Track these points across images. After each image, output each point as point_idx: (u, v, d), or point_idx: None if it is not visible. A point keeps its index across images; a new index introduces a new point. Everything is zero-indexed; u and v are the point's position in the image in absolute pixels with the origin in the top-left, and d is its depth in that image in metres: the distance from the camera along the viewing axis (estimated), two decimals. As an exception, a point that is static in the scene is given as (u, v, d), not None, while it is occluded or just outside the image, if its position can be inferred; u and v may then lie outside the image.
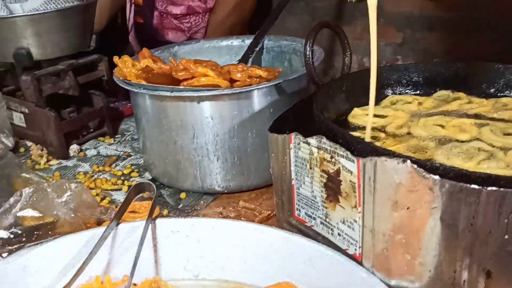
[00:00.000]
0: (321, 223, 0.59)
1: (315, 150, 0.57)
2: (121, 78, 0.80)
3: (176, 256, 0.63)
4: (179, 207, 0.80)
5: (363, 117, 0.68)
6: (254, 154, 0.79)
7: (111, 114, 1.07)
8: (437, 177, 0.44)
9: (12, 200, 0.60)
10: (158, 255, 0.63)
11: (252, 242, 0.61)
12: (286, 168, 0.62)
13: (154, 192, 0.64)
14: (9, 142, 0.94)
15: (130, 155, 0.97)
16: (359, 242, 0.53)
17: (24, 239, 0.58)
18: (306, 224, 0.62)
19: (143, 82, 0.78)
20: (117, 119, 1.12)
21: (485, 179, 0.44)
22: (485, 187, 0.43)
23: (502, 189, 0.43)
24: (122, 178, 0.89)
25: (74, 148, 0.99)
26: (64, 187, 0.63)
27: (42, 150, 0.99)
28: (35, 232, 0.59)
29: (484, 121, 0.65)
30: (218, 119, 0.76)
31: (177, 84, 0.76)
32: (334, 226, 0.57)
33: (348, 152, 0.51)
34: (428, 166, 0.46)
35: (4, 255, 0.56)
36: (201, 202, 0.80)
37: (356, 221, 0.53)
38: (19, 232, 0.58)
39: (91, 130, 1.05)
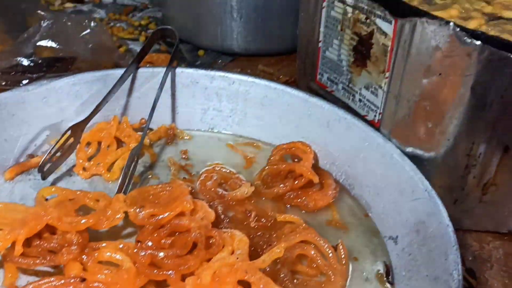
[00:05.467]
0: (343, 88, 0.59)
1: (349, 9, 0.54)
2: None
3: (193, 107, 0.63)
4: (196, 63, 0.79)
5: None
6: (280, 16, 0.76)
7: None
8: (478, 42, 0.42)
9: (31, 30, 0.59)
10: (175, 104, 0.63)
11: (271, 101, 0.61)
12: (315, 29, 0.60)
13: (176, 39, 0.62)
14: (23, -21, 0.90)
15: (148, 7, 0.94)
16: (380, 108, 0.53)
17: (44, 68, 0.57)
18: (326, 89, 0.62)
19: None
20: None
21: (527, 52, 0.42)
22: (527, 59, 0.41)
23: (544, 63, 0.41)
24: (139, 28, 0.86)
25: (90, -7, 0.95)
26: (84, 23, 0.61)
27: (56, -9, 0.95)
28: (55, 64, 0.58)
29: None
30: (245, -30, 0.71)
31: None
32: (356, 92, 0.56)
33: (387, 12, 0.49)
34: (470, 32, 0.44)
35: (24, 82, 0.56)
36: (219, 61, 0.79)
37: (381, 87, 0.52)
38: (39, 61, 0.57)
39: (108, -23, 1.00)
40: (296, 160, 0.57)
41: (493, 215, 0.50)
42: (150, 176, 0.56)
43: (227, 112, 0.63)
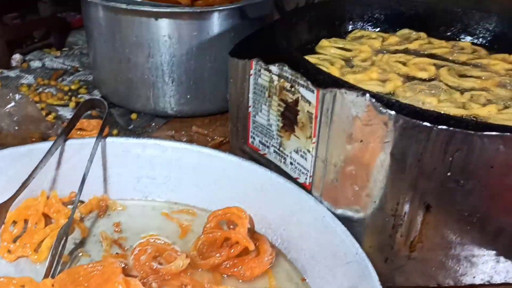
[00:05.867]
0: (274, 151, 0.60)
1: (275, 78, 0.56)
2: (71, -15, 0.75)
3: (126, 176, 0.62)
4: (129, 127, 0.78)
5: (331, 49, 0.69)
6: (211, 79, 0.77)
7: (59, 24, 1.00)
8: (392, 112, 0.45)
9: (-51, 107, 0.56)
10: (107, 174, 0.62)
11: (205, 167, 0.61)
12: (244, 95, 0.62)
13: (105, 110, 0.62)
14: None
15: (79, 70, 0.93)
16: (310, 171, 0.55)
17: (-36, 148, 0.55)
18: (259, 152, 0.63)
19: (96, -8, 0.73)
20: (64, 30, 1.06)
21: (437, 118, 0.45)
22: (436, 126, 0.44)
23: (451, 128, 0.44)
24: (70, 93, 0.85)
25: (16, 57, 0.92)
26: (8, 97, 0.59)
27: (-19, 57, 0.92)
28: (-24, 142, 0.56)
29: (443, 62, 0.67)
30: (176, 39, 0.73)
31: (133, -3, 0.72)
32: (287, 155, 0.58)
33: (309, 82, 0.51)
34: (385, 101, 0.47)
35: None
36: (153, 124, 0.79)
37: (309, 151, 0.54)
38: (-41, 140, 0.55)
39: (36, 40, 0.98)
40: (232, 226, 0.57)
41: (422, 270, 0.52)
42: (80, 254, 0.54)
43: (161, 180, 0.62)
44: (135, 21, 0.72)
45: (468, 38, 0.78)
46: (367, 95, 0.46)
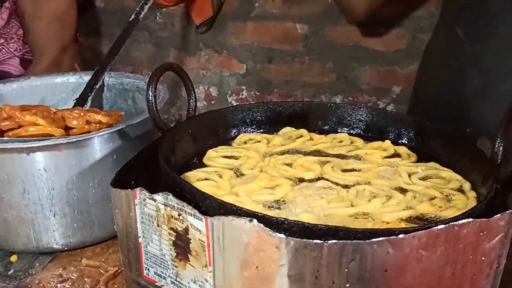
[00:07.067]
0: (172, 282, 0.56)
1: (162, 206, 0.54)
2: None
3: None
4: (9, 273, 0.70)
5: (218, 159, 0.69)
6: (97, 205, 0.73)
7: None
8: (282, 235, 0.44)
9: None
10: None
11: (97, 312, 0.55)
12: (132, 225, 0.58)
13: (-27, 268, 0.54)
14: None
15: None
16: (212, 301, 0.52)
17: None
18: (156, 283, 0.58)
19: (-44, 132, 0.67)
20: None
21: (326, 231, 0.46)
22: (326, 241, 0.44)
23: (340, 241, 0.45)
24: None
25: None
26: None
27: None
28: None
29: (326, 158, 0.70)
30: (52, 171, 0.68)
31: (0, 134, 0.67)
32: (185, 286, 0.55)
33: (196, 211, 0.49)
34: (274, 222, 0.46)
35: None
36: (37, 264, 0.71)
37: (207, 281, 0.51)
38: None
39: None
40: None
41: None
42: None
43: (47, 337, 0.55)
44: (4, 158, 0.67)
45: (345, 129, 0.82)
46: (255, 221, 0.45)
